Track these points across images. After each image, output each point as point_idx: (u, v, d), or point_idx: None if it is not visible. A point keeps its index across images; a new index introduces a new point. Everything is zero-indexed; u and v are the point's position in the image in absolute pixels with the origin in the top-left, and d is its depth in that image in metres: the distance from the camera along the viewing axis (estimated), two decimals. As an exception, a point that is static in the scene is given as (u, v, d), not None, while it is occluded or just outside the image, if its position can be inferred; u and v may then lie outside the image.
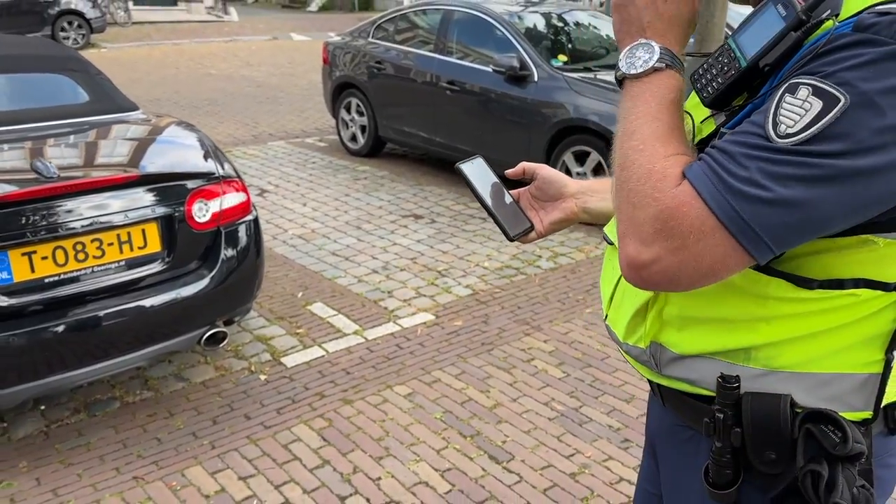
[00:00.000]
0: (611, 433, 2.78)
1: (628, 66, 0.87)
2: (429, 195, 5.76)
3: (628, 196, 0.81)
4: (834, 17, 0.78)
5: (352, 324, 3.65)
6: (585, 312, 3.78)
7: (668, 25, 0.88)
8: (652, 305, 0.96)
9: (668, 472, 1.09)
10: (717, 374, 0.89)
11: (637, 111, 0.84)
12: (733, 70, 0.83)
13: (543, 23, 6.15)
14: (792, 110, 0.74)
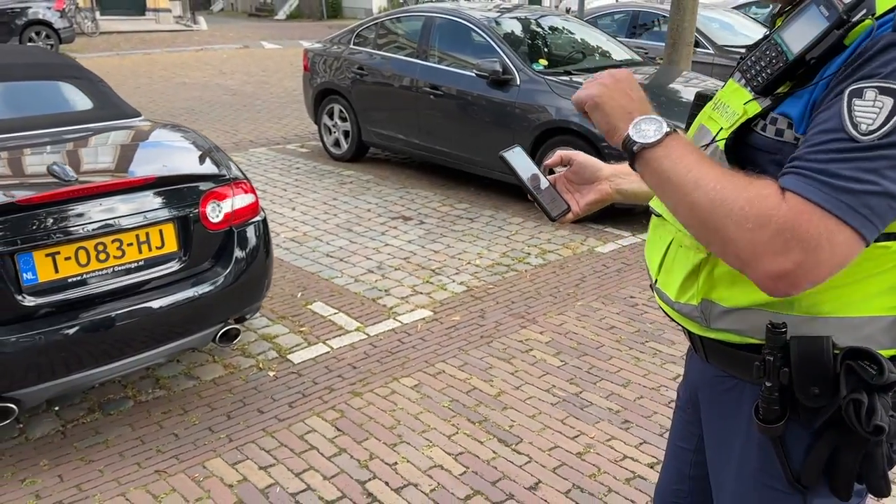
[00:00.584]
0: (611, 415, 2.92)
1: (643, 137, 0.98)
2: (415, 197, 5.88)
3: (738, 225, 0.89)
4: (871, 16, 0.89)
5: (353, 321, 3.75)
6: (577, 305, 3.93)
7: (644, 104, 1.03)
8: (703, 266, 1.08)
9: (712, 419, 1.22)
10: (765, 324, 1.01)
11: (682, 165, 0.95)
12: (781, 63, 0.95)
13: (521, 28, 6.32)
14: (866, 111, 0.85)
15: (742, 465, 1.15)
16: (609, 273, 4.37)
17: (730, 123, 1.04)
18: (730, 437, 1.16)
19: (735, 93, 1.08)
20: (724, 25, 8.45)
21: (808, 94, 0.94)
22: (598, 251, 4.72)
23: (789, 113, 0.96)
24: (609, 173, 1.36)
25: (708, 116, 1.17)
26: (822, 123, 0.89)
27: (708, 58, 7.73)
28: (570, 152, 1.39)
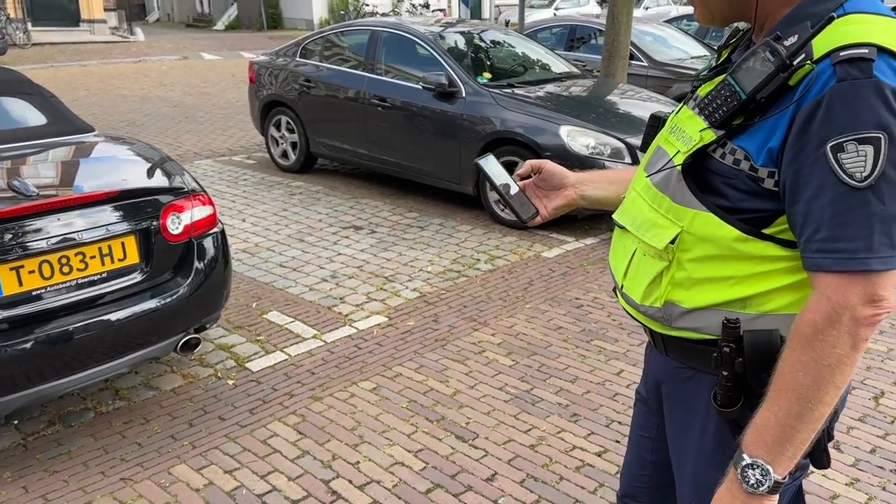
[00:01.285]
0: (561, 409, 3.10)
1: (766, 482, 1.09)
2: (365, 207, 5.98)
3: (839, 368, 1.03)
4: (810, 61, 1.02)
5: (309, 329, 3.84)
6: (526, 307, 4.11)
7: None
8: (665, 273, 1.21)
9: (674, 407, 1.35)
10: (720, 321, 1.15)
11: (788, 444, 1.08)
12: (735, 101, 1.08)
13: (465, 42, 6.51)
14: (855, 163, 0.99)
15: (700, 447, 1.29)
16: (555, 277, 4.56)
17: (687, 148, 1.17)
18: (690, 423, 1.30)
19: (690, 119, 1.20)
20: (658, 39, 8.82)
21: (764, 134, 1.08)
22: (544, 256, 4.92)
23: (746, 147, 1.09)
24: (574, 181, 1.52)
25: (665, 139, 1.28)
26: (809, 190, 1.03)
27: (643, 70, 8.07)
28: (539, 161, 1.54)
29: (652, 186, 1.24)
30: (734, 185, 1.11)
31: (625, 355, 3.56)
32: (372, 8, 23.45)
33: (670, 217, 1.19)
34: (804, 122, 1.02)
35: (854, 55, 1.00)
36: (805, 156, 1.03)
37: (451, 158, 5.68)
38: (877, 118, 0.98)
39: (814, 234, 1.04)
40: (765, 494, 1.09)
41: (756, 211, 1.11)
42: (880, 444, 2.86)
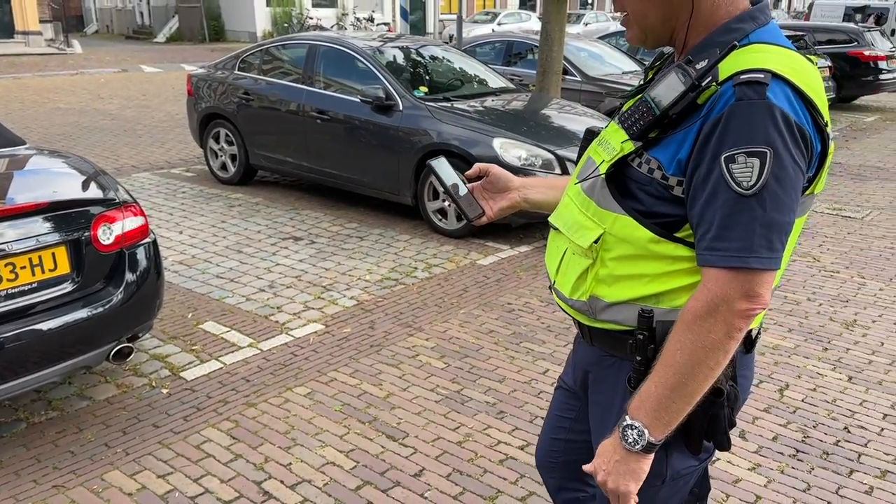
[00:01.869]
0: (488, 408, 3.23)
1: (640, 441, 1.25)
2: (305, 218, 6.05)
3: (714, 350, 1.18)
4: (715, 83, 1.17)
5: (245, 338, 3.90)
6: (460, 313, 4.25)
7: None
8: (590, 270, 1.34)
9: (598, 391, 1.49)
10: (636, 314, 1.29)
11: (661, 402, 1.22)
12: (650, 116, 1.22)
13: (403, 57, 6.66)
14: (743, 173, 1.13)
15: (614, 425, 1.42)
16: (489, 283, 4.72)
17: (610, 157, 1.31)
18: (611, 404, 1.43)
19: (615, 132, 1.33)
20: (592, 55, 9.13)
21: (674, 147, 1.21)
22: (479, 264, 5.07)
23: (659, 158, 1.23)
24: (518, 185, 1.67)
25: (594, 150, 1.41)
26: (705, 196, 1.17)
27: (576, 85, 8.35)
28: (486, 165, 1.68)
29: (581, 192, 1.37)
30: (648, 192, 1.25)
31: (551, 356, 3.72)
32: (316, 21, 23.50)
33: (595, 220, 1.32)
34: (706, 136, 1.16)
35: (751, 79, 1.14)
36: (704, 165, 1.17)
37: (390, 170, 5.81)
38: (766, 135, 1.13)
39: (705, 233, 1.18)
40: (639, 452, 1.25)
41: (667, 215, 1.25)
42: (782, 433, 3.08)
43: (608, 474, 1.29)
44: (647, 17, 1.31)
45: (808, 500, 2.66)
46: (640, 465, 1.27)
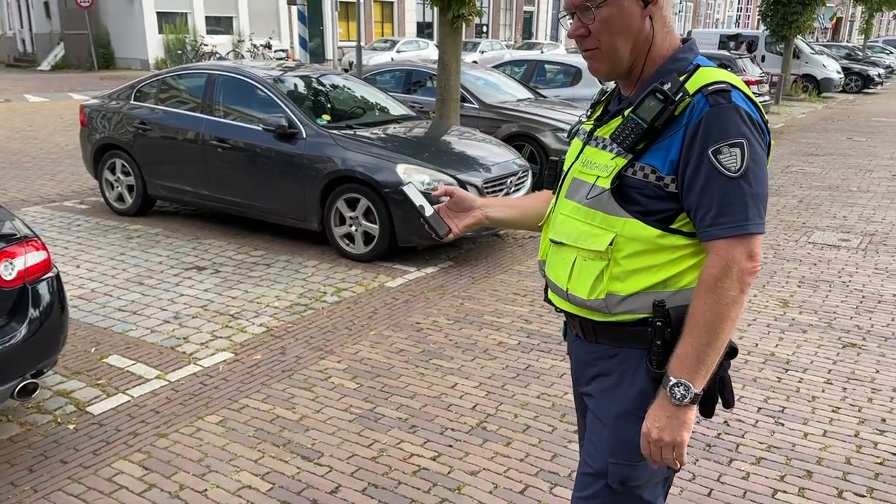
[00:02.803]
0: (401, 423, 3.35)
1: (688, 395, 1.46)
2: (209, 248, 6.00)
3: (733, 305, 1.43)
4: (688, 96, 1.44)
5: (152, 370, 3.86)
6: (370, 334, 4.35)
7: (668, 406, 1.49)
8: (606, 270, 1.54)
9: (602, 381, 1.64)
10: (649, 302, 1.50)
11: (699, 360, 1.45)
12: (640, 130, 1.47)
13: (304, 85, 6.75)
14: (730, 161, 1.41)
15: (622, 408, 1.59)
16: (398, 305, 4.85)
17: (607, 173, 1.52)
18: (615, 391, 1.61)
19: (597, 154, 1.57)
20: (489, 83, 9.48)
21: (663, 152, 1.46)
22: (388, 286, 5.20)
23: (651, 163, 1.47)
24: (480, 204, 1.87)
25: (579, 172, 1.61)
26: (701, 183, 1.42)
27: (474, 112, 8.66)
28: (451, 188, 1.86)
29: (582, 207, 1.57)
30: (645, 194, 1.49)
31: (459, 370, 3.89)
32: (211, 48, 23.07)
33: (604, 226, 1.53)
34: (692, 138, 1.43)
35: (718, 88, 1.44)
36: (693, 160, 1.43)
37: (296, 197, 5.86)
38: (739, 129, 1.42)
39: (706, 213, 1.43)
40: (688, 405, 1.46)
41: (663, 211, 1.48)
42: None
43: (662, 430, 1.48)
44: (618, 49, 1.52)
45: (693, 487, 2.92)
46: (688, 416, 1.48)
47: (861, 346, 4.24)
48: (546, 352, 4.14)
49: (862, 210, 7.66)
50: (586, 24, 1.53)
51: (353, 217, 5.66)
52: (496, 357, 4.06)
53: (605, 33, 1.52)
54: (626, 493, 1.62)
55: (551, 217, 1.70)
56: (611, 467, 1.62)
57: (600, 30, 1.52)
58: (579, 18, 1.54)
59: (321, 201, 5.76)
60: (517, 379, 3.81)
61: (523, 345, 4.23)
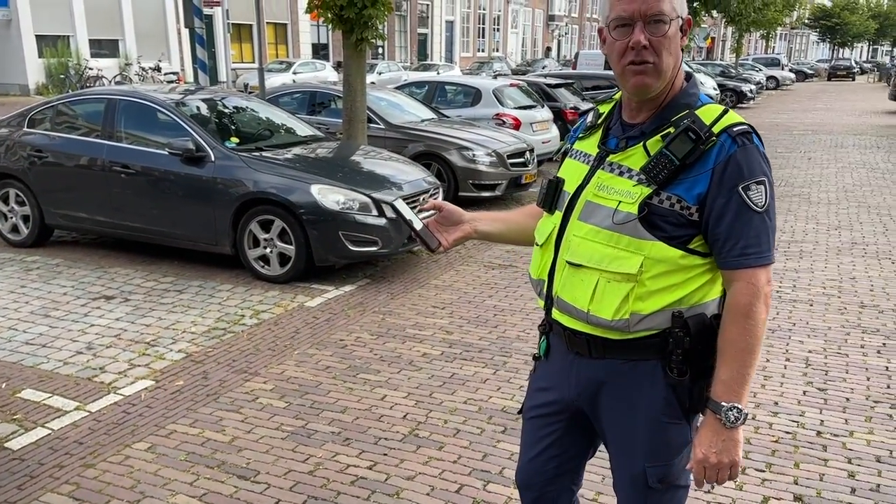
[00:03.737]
0: (334, 437, 3.41)
1: (739, 419, 1.58)
2: (115, 276, 5.83)
3: (762, 325, 1.57)
4: (714, 136, 1.55)
5: (70, 402, 3.74)
6: (294, 354, 4.38)
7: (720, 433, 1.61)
8: (632, 292, 1.60)
9: (616, 395, 1.71)
10: (666, 318, 1.60)
11: (742, 383, 1.57)
12: (672, 166, 1.56)
13: (207, 108, 6.68)
14: (758, 197, 1.55)
15: (649, 415, 1.67)
16: (319, 323, 4.89)
17: (632, 199, 1.59)
18: (635, 402, 1.69)
19: (615, 180, 1.64)
20: (392, 104, 9.65)
21: (689, 184, 1.56)
22: (307, 305, 5.22)
23: (679, 194, 1.56)
24: (469, 218, 1.93)
25: (594, 195, 1.66)
26: (729, 216, 1.55)
27: (381, 132, 8.79)
28: (439, 202, 1.92)
29: (603, 230, 1.62)
30: (669, 221, 1.57)
31: (387, 383, 3.98)
32: (97, 71, 22.15)
33: (631, 249, 1.59)
34: (720, 174, 1.54)
35: (743, 130, 1.57)
36: (726, 195, 1.54)
37: (206, 220, 5.79)
38: (762, 169, 1.57)
39: (735, 244, 1.55)
40: (739, 426, 1.58)
41: (683, 236, 1.58)
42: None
43: (721, 454, 1.58)
44: (670, 68, 1.61)
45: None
46: (740, 435, 1.59)
47: (751, 338, 4.65)
48: (468, 360, 4.30)
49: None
50: (652, 37, 1.56)
51: (268, 239, 5.66)
52: (422, 368, 4.19)
53: (665, 50, 1.57)
54: (667, 488, 1.75)
55: (564, 238, 1.72)
56: (648, 470, 1.72)
57: (663, 45, 1.57)
58: (642, 30, 1.56)
59: (233, 224, 5.72)
60: (444, 387, 3.95)
61: (446, 354, 4.38)
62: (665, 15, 1.55)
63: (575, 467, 1.96)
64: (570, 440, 1.90)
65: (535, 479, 1.95)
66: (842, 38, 57.59)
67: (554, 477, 1.93)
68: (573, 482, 1.98)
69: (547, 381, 1.88)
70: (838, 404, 3.76)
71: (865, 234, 7.33)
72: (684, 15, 1.62)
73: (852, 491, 3.01)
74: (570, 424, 1.87)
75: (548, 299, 1.78)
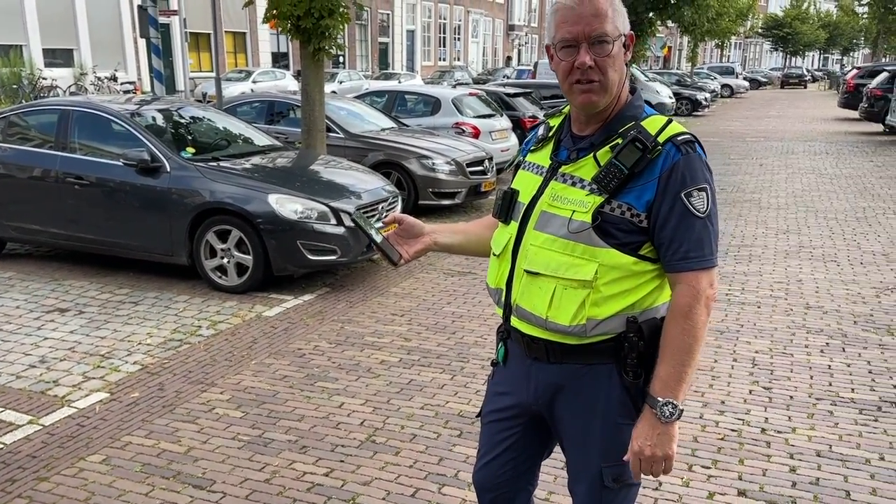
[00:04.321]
0: (291, 445, 3.43)
1: (674, 414, 1.64)
2: (69, 288, 5.75)
3: (703, 327, 1.64)
4: (660, 146, 1.62)
5: (23, 416, 3.69)
6: (251, 364, 4.38)
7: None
8: (588, 298, 1.66)
9: (574, 398, 1.77)
10: (621, 322, 1.66)
11: (680, 381, 1.64)
12: (622, 175, 1.63)
13: (163, 118, 6.63)
14: (700, 203, 1.62)
15: (606, 417, 1.74)
16: (277, 333, 4.89)
17: (585, 208, 1.66)
18: (593, 404, 1.76)
19: (568, 190, 1.70)
20: (352, 114, 9.68)
21: (638, 192, 1.62)
22: (265, 315, 5.22)
23: (631, 202, 1.63)
24: (428, 230, 1.97)
25: (549, 205, 1.72)
26: (673, 221, 1.62)
27: (340, 141, 8.81)
28: (399, 215, 1.96)
29: (559, 239, 1.68)
30: (620, 228, 1.64)
31: (345, 390, 4.01)
32: (51, 82, 21.71)
33: (586, 257, 1.65)
34: (666, 181, 1.62)
35: (686, 139, 1.65)
36: (670, 202, 1.61)
37: (162, 231, 5.75)
38: (704, 176, 1.65)
39: (678, 248, 1.63)
40: (674, 421, 1.65)
41: (634, 242, 1.65)
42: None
43: (655, 447, 1.66)
44: (615, 85, 1.68)
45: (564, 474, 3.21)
46: (675, 430, 1.67)
47: (701, 340, 4.78)
48: (426, 366, 4.35)
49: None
50: (597, 57, 1.64)
51: (225, 249, 5.64)
52: (380, 375, 4.23)
53: (610, 68, 1.65)
54: (620, 487, 1.82)
55: (521, 247, 1.77)
56: (604, 470, 1.79)
57: (608, 64, 1.64)
58: (587, 51, 1.63)
59: (189, 235, 5.69)
60: (401, 393, 3.99)
61: (404, 361, 4.42)
62: (608, 36, 1.63)
63: (531, 468, 2.03)
64: (526, 443, 1.96)
65: (493, 481, 2.01)
66: (793, 47, 59.20)
67: (511, 478, 1.99)
68: (529, 482, 2.05)
69: (505, 385, 1.94)
70: (782, 402, 3.90)
71: (812, 238, 7.58)
72: (626, 32, 1.69)
73: (793, 485, 3.13)
74: (528, 428, 1.94)
75: (506, 307, 1.83)
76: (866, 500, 3.02)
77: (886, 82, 18.11)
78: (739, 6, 37.55)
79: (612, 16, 1.64)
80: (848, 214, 8.74)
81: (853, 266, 6.53)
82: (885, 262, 6.66)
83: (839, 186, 10.76)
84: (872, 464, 3.29)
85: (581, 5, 1.64)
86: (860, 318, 5.17)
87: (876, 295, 5.70)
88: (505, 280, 1.82)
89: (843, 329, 4.97)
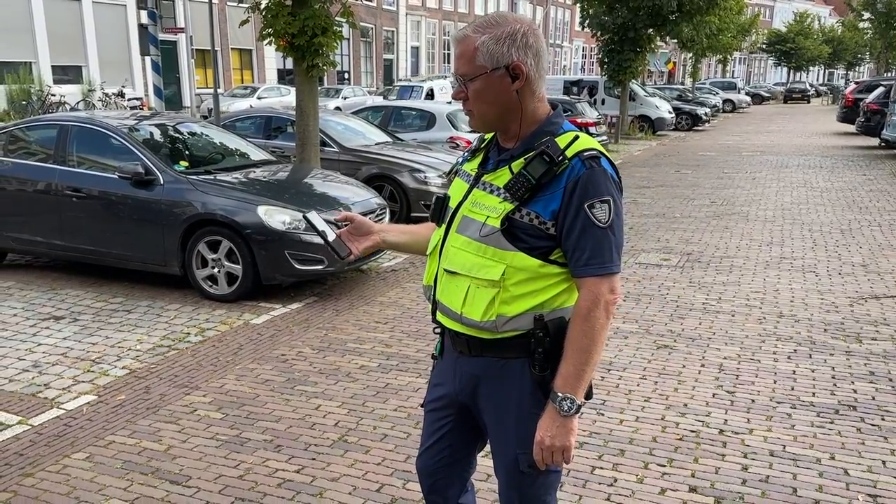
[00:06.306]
0: (266, 444, 3.59)
1: (574, 407, 1.79)
2: (66, 297, 5.94)
3: (603, 329, 1.77)
4: (567, 160, 1.75)
5: (13, 416, 3.87)
6: (235, 369, 4.54)
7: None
8: (497, 296, 1.81)
9: (493, 390, 1.92)
10: (529, 320, 1.80)
11: (579, 377, 1.78)
12: (530, 185, 1.76)
13: (160, 133, 6.86)
14: (602, 214, 1.73)
15: (520, 409, 1.88)
16: (263, 340, 5.06)
17: (497, 214, 1.79)
18: (508, 396, 1.90)
19: (486, 197, 1.85)
20: (348, 128, 9.91)
21: (545, 202, 1.74)
22: (253, 323, 5.39)
23: (536, 210, 1.75)
24: (378, 229, 2.15)
25: (469, 210, 1.86)
26: (578, 229, 1.75)
27: (335, 155, 9.03)
28: (350, 214, 2.13)
29: (473, 242, 1.82)
30: (529, 234, 1.77)
31: (322, 394, 4.17)
32: (59, 97, 22.10)
33: (496, 259, 1.79)
34: (571, 193, 1.73)
35: (592, 155, 1.77)
36: (572, 211, 1.74)
37: (155, 242, 5.95)
38: (608, 190, 1.77)
39: (581, 255, 1.76)
40: (573, 415, 1.78)
41: (543, 247, 1.77)
42: (511, 427, 3.79)
43: (554, 437, 1.80)
44: (487, 114, 1.84)
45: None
46: (574, 423, 1.80)
47: (672, 347, 4.92)
48: (404, 370, 4.51)
49: (682, 233, 8.66)
50: (469, 90, 1.82)
51: (216, 259, 5.83)
52: (358, 379, 4.39)
53: (476, 101, 1.82)
54: (538, 472, 1.96)
55: (444, 249, 1.93)
56: (520, 456, 1.93)
57: (477, 97, 1.82)
58: (462, 85, 1.83)
59: (182, 245, 5.88)
60: (377, 396, 4.15)
61: (383, 366, 4.58)
62: (468, 74, 1.80)
63: (466, 456, 2.18)
64: (459, 432, 2.12)
65: (431, 467, 2.17)
66: (797, 62, 59.46)
67: (447, 465, 2.15)
68: (464, 469, 2.20)
69: (439, 377, 2.11)
70: (743, 405, 4.03)
71: (795, 250, 7.72)
72: (504, 63, 1.79)
73: (743, 482, 3.27)
74: (459, 417, 2.09)
75: (433, 303, 2.01)
76: (812, 496, 3.16)
77: (882, 97, 18.26)
78: (741, 22, 37.82)
79: (480, 54, 1.80)
80: (833, 227, 8.87)
81: (831, 276, 6.66)
82: (864, 272, 6.79)
83: (828, 199, 10.89)
84: (823, 463, 3.42)
85: (455, 47, 1.86)
86: (830, 327, 5.31)
87: (850, 304, 5.83)
88: (433, 278, 2.00)
89: (812, 336, 5.10)
